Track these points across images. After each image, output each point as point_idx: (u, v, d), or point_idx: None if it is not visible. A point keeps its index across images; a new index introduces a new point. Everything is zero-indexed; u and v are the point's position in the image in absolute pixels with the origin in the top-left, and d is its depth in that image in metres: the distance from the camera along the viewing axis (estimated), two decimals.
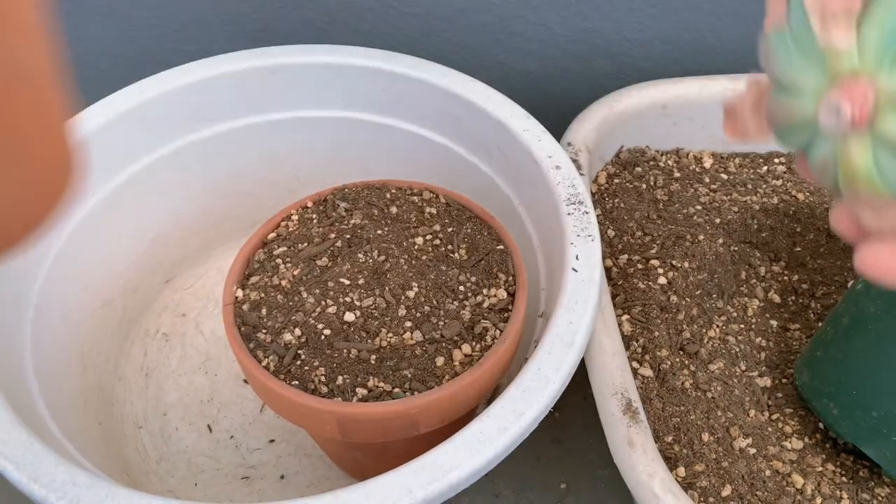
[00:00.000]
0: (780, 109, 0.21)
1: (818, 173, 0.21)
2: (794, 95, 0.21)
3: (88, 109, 0.48)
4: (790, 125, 0.21)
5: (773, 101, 0.22)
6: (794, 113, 0.21)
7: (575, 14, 0.58)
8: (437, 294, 0.40)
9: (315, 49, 0.52)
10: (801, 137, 0.21)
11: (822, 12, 0.19)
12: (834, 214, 0.22)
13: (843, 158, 0.20)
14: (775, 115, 0.22)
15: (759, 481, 0.41)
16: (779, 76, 0.21)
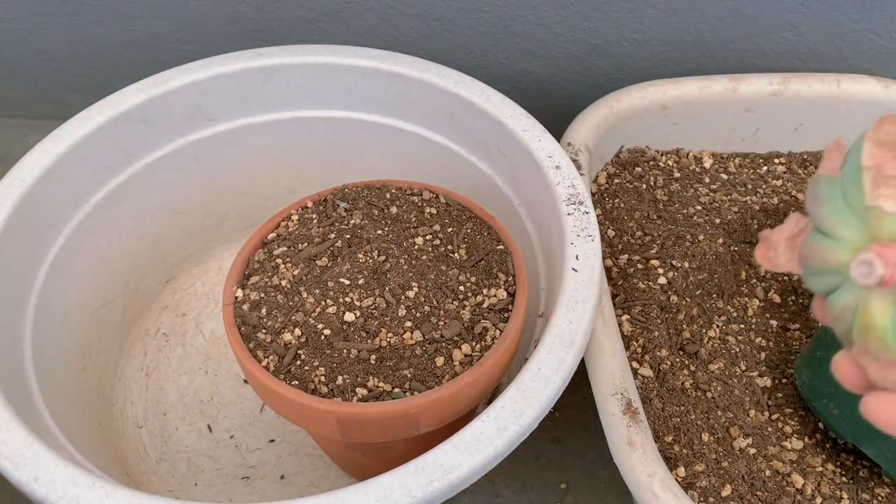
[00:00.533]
0: (816, 251, 0.22)
1: (834, 318, 0.22)
2: (831, 242, 0.22)
3: (88, 109, 0.48)
4: (821, 268, 0.22)
5: (810, 242, 0.23)
6: (827, 258, 0.22)
7: (575, 14, 0.58)
8: (437, 294, 0.40)
9: (315, 49, 0.52)
10: (828, 282, 0.22)
11: (876, 172, 0.20)
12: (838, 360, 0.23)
13: (863, 311, 0.21)
14: (810, 255, 0.23)
15: (759, 481, 0.41)
16: (821, 220, 0.22)
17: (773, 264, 0.25)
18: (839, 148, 0.23)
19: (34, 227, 0.45)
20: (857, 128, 0.61)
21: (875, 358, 0.21)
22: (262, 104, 0.53)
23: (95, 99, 0.49)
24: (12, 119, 0.75)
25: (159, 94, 0.50)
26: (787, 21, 0.57)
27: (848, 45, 0.58)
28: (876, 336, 0.21)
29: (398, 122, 0.54)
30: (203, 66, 0.51)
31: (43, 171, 0.45)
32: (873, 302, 0.21)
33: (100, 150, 0.48)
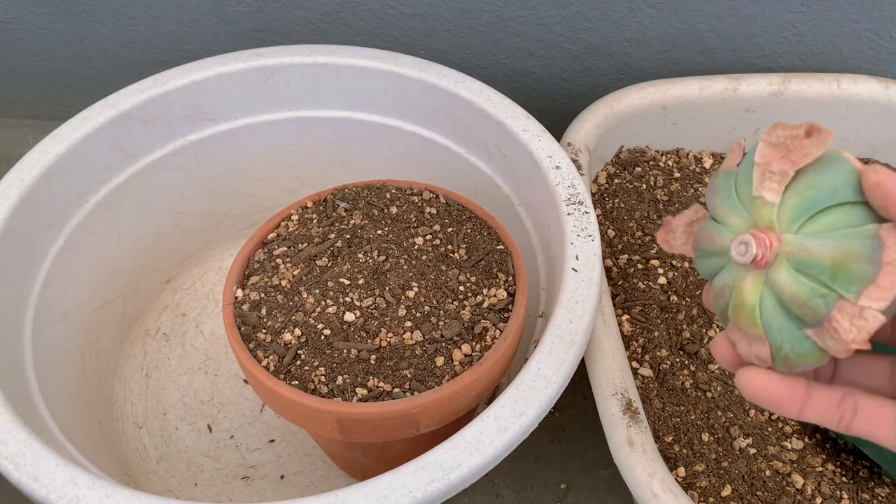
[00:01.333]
0: (707, 235, 0.25)
1: (715, 296, 0.25)
2: (721, 227, 0.24)
3: (88, 109, 0.48)
4: (709, 249, 0.25)
5: (703, 228, 0.26)
6: (716, 240, 0.25)
7: (575, 14, 0.58)
8: (437, 294, 0.40)
9: (315, 49, 0.52)
10: (714, 263, 0.25)
11: (764, 168, 0.23)
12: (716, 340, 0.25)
13: (738, 289, 0.24)
14: (701, 238, 0.26)
15: (759, 481, 0.41)
16: (714, 208, 0.25)
17: (670, 246, 0.28)
18: (739, 148, 0.26)
19: (34, 227, 0.45)
20: (857, 128, 0.61)
21: (744, 334, 0.24)
22: (262, 104, 0.53)
23: (95, 99, 0.49)
24: (12, 119, 0.75)
25: (159, 94, 0.50)
26: (787, 21, 0.57)
27: (848, 45, 0.58)
28: (746, 312, 0.23)
29: (398, 122, 0.54)
30: (203, 66, 0.51)
31: (43, 171, 0.45)
32: (747, 281, 0.23)
33: (100, 150, 0.48)
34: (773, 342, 0.23)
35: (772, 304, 0.23)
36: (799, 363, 0.23)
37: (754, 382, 0.23)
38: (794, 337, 0.23)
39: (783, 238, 0.22)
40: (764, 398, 0.23)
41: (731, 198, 0.24)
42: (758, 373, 0.23)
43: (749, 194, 0.23)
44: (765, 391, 0.23)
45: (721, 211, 0.24)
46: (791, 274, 0.22)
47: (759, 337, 0.23)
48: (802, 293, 0.22)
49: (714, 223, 0.25)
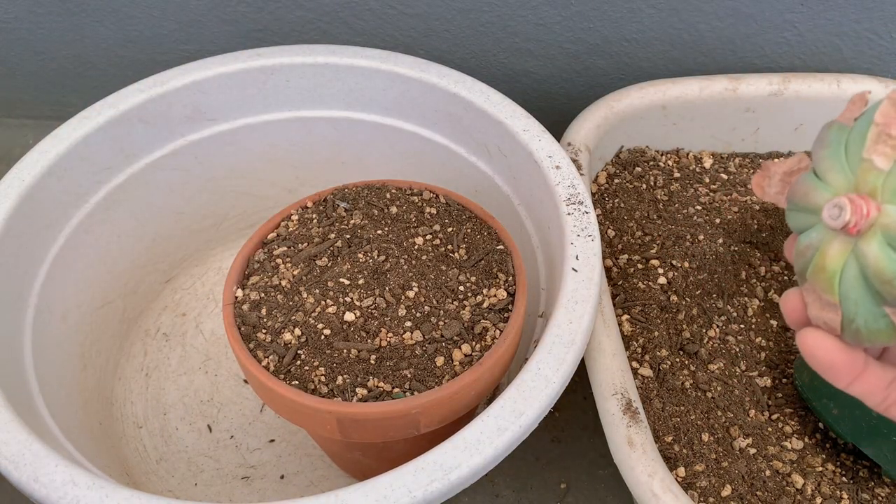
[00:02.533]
0: (803, 188, 0.24)
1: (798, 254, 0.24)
2: (819, 183, 0.23)
3: (88, 109, 0.48)
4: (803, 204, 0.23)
5: (801, 180, 0.24)
6: (811, 196, 0.23)
7: (575, 14, 0.58)
8: (437, 294, 0.40)
9: (315, 49, 0.52)
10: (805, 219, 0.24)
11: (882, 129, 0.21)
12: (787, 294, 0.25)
13: (822, 252, 0.22)
14: (797, 191, 0.24)
15: (759, 481, 0.41)
16: (818, 162, 0.23)
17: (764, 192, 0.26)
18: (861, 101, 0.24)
19: (34, 227, 0.45)
20: None
21: (818, 297, 0.23)
22: (262, 104, 0.53)
23: (95, 99, 0.49)
24: (12, 119, 0.75)
25: (159, 94, 0.50)
26: (787, 21, 0.57)
27: (848, 45, 0.58)
28: (825, 276, 0.22)
29: (398, 122, 0.54)
30: (203, 66, 0.51)
31: (43, 171, 0.45)
32: (833, 246, 0.22)
33: (100, 150, 0.48)
34: (846, 312, 0.22)
35: (854, 275, 0.22)
36: (869, 339, 0.22)
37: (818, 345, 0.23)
38: (871, 312, 0.22)
39: (883, 209, 0.21)
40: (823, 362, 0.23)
41: (838, 154, 0.22)
42: (823, 337, 0.23)
43: (858, 154, 0.22)
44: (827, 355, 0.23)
45: (824, 166, 0.23)
46: (882, 248, 0.21)
47: (833, 304, 0.22)
48: (889, 270, 0.21)
49: (814, 178, 0.23)
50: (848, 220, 0.21)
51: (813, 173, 0.23)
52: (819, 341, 0.23)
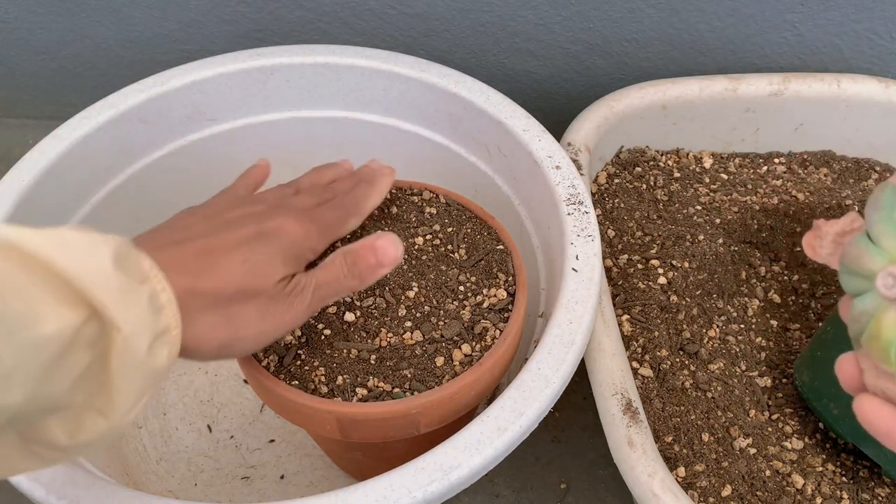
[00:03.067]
0: (856, 252, 0.23)
1: (852, 319, 0.23)
2: (873, 248, 0.22)
3: (88, 109, 0.48)
4: (856, 269, 0.23)
5: (854, 243, 0.24)
6: (864, 261, 0.23)
7: (575, 14, 0.58)
8: (437, 294, 0.40)
9: (315, 49, 0.52)
10: (858, 284, 0.23)
11: None
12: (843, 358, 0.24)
13: (877, 320, 0.22)
14: (849, 254, 0.24)
15: (759, 481, 0.41)
16: (872, 225, 0.23)
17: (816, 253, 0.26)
18: None
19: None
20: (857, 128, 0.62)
21: (874, 365, 0.22)
22: (262, 104, 0.53)
23: (95, 99, 0.49)
24: (12, 119, 0.75)
25: (159, 94, 0.50)
26: (787, 21, 0.57)
27: (848, 45, 0.58)
28: (880, 346, 0.22)
29: (398, 122, 0.54)
30: (203, 66, 0.51)
31: (43, 171, 0.45)
32: (889, 314, 0.22)
33: (100, 150, 0.48)
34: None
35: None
36: None
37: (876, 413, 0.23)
38: None
39: None
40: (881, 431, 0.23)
41: (892, 218, 0.22)
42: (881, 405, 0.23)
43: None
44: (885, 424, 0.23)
45: (878, 230, 0.23)
46: None
47: (890, 374, 0.22)
48: None
49: (867, 241, 0.23)
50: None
51: (866, 236, 0.23)
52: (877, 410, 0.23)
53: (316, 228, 0.35)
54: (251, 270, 0.31)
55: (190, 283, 0.29)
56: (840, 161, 0.59)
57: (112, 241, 0.26)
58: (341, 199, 0.39)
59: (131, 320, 0.24)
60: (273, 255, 0.32)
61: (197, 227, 0.33)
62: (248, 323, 0.31)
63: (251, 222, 0.33)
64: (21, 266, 0.23)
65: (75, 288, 0.23)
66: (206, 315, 0.30)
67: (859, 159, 0.60)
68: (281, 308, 0.32)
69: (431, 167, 0.54)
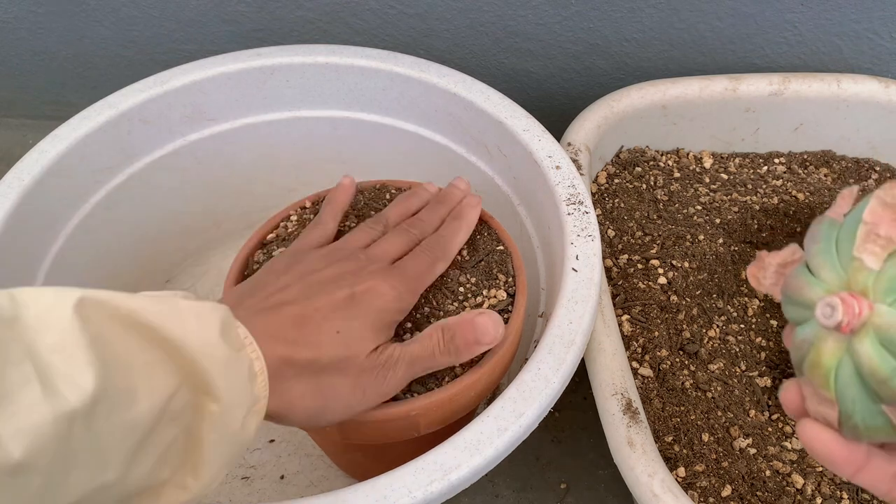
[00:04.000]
0: (797, 283, 0.24)
1: (794, 347, 0.24)
2: (812, 279, 0.23)
3: (88, 109, 0.48)
4: (797, 299, 0.24)
5: (796, 274, 0.24)
6: (805, 291, 0.23)
7: (575, 14, 0.58)
8: (437, 295, 0.40)
9: (315, 49, 0.52)
10: (799, 313, 0.24)
11: (871, 229, 0.21)
12: (786, 385, 0.25)
13: (817, 348, 0.23)
14: (791, 285, 0.24)
15: (760, 481, 0.41)
16: (811, 257, 0.24)
17: (759, 284, 0.27)
18: (850, 196, 0.24)
19: (34, 227, 0.45)
20: (857, 128, 0.61)
21: (814, 391, 0.23)
22: (262, 104, 0.53)
23: (95, 99, 0.49)
24: (12, 119, 0.75)
25: (159, 94, 0.49)
26: (787, 21, 0.57)
27: (848, 45, 0.58)
28: (820, 373, 0.22)
29: (398, 122, 0.54)
30: (203, 66, 0.51)
31: (43, 171, 0.45)
32: (828, 343, 0.22)
33: (100, 150, 0.48)
34: (843, 409, 0.22)
35: (849, 373, 0.22)
36: (867, 435, 0.22)
37: (817, 438, 0.23)
38: (868, 410, 0.22)
39: (875, 308, 0.21)
40: (823, 454, 0.23)
41: (829, 251, 0.23)
42: (822, 430, 0.23)
43: (849, 252, 0.22)
44: (826, 449, 0.23)
45: (817, 262, 0.23)
46: (875, 348, 0.21)
47: (830, 400, 0.23)
48: (884, 370, 0.21)
49: (807, 273, 0.24)
50: (840, 320, 0.21)
51: (806, 267, 0.24)
52: (817, 434, 0.23)
53: (406, 288, 0.35)
54: (345, 341, 0.31)
55: (286, 352, 0.29)
56: (840, 161, 0.59)
57: (220, 310, 0.26)
58: (430, 242, 0.38)
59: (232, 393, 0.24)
60: (366, 326, 0.32)
61: (292, 288, 0.33)
62: (339, 394, 0.31)
63: (345, 285, 0.33)
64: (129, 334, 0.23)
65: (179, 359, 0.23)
66: (299, 384, 0.30)
67: (859, 159, 0.60)
68: (372, 381, 0.32)
69: (431, 167, 0.54)
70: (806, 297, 0.23)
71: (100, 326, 0.22)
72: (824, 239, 0.23)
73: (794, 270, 0.25)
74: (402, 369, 0.33)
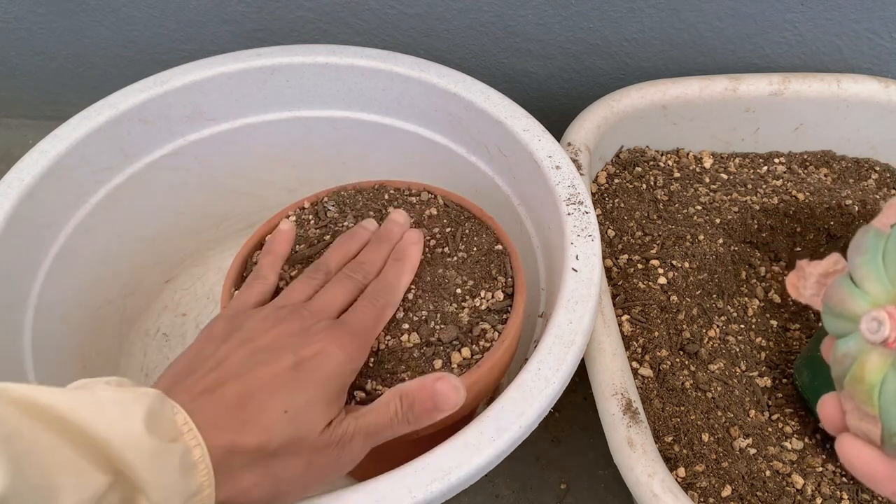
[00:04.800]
0: (840, 294, 0.23)
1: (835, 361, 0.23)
2: (856, 291, 0.23)
3: (88, 109, 0.48)
4: (839, 311, 0.23)
5: (838, 285, 0.24)
6: (848, 304, 0.23)
7: (575, 14, 0.58)
8: (435, 296, 0.39)
9: (315, 49, 0.52)
10: (841, 326, 0.23)
11: None
12: (825, 399, 0.24)
13: (860, 363, 0.22)
14: (833, 296, 0.24)
15: (759, 481, 0.41)
16: (855, 268, 0.23)
17: (799, 294, 0.26)
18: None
19: (34, 227, 0.45)
20: (857, 127, 0.62)
21: (856, 407, 0.23)
22: (262, 104, 0.53)
23: (95, 99, 0.49)
24: (12, 119, 0.75)
25: (159, 94, 0.49)
26: (787, 21, 0.57)
27: (848, 45, 0.58)
28: (863, 388, 0.22)
29: (398, 122, 0.54)
30: (203, 66, 0.51)
31: (43, 171, 0.45)
32: (872, 358, 0.22)
33: (100, 150, 0.48)
34: (886, 425, 0.22)
35: (894, 389, 0.21)
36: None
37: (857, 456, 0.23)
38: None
39: None
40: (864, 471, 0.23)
41: (875, 262, 0.22)
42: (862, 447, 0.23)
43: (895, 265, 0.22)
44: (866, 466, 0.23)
45: (861, 273, 0.23)
46: None
47: (873, 416, 0.22)
48: None
49: (850, 284, 0.23)
50: (887, 336, 0.21)
51: (849, 278, 0.23)
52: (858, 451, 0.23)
53: (356, 346, 0.33)
54: (293, 422, 0.29)
55: (231, 439, 0.27)
56: (840, 161, 0.59)
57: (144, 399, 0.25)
58: (374, 289, 0.37)
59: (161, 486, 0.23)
60: (316, 399, 0.30)
61: (231, 360, 0.31)
62: (293, 477, 0.29)
63: (289, 351, 0.31)
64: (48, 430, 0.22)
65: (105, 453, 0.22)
66: (249, 473, 0.28)
67: (859, 159, 0.60)
68: (327, 460, 0.30)
69: (431, 167, 0.54)
70: (850, 309, 0.23)
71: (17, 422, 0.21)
72: (870, 250, 0.23)
73: (836, 281, 0.24)
74: (358, 442, 0.31)
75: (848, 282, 0.23)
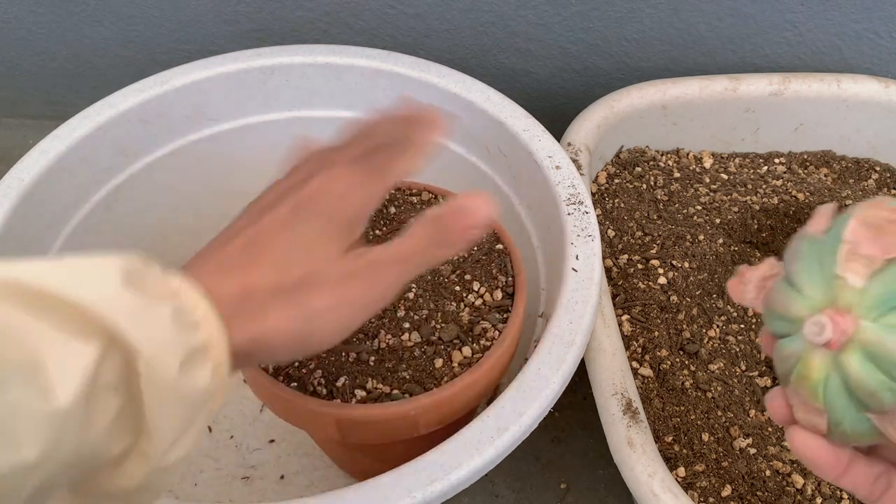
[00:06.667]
0: (781, 298, 0.25)
1: (780, 359, 0.25)
2: (796, 294, 0.24)
3: (88, 109, 0.48)
4: (781, 314, 0.25)
5: (778, 288, 0.25)
6: (789, 307, 0.24)
7: (575, 14, 0.58)
8: (436, 295, 0.40)
9: (315, 49, 0.52)
10: (784, 327, 0.25)
11: (852, 247, 0.22)
12: (772, 394, 0.26)
13: (805, 362, 0.24)
14: (774, 300, 0.25)
15: (759, 481, 0.41)
16: (793, 273, 0.24)
17: (741, 298, 0.28)
18: (829, 212, 0.25)
19: (34, 227, 0.45)
20: (857, 128, 0.61)
21: (803, 402, 0.24)
22: (262, 104, 0.53)
23: (95, 99, 0.49)
24: (12, 119, 0.75)
25: (159, 94, 0.49)
26: (787, 21, 0.57)
27: (848, 45, 0.58)
28: (809, 385, 0.24)
29: None
30: (203, 66, 0.51)
31: (43, 171, 0.45)
32: (815, 357, 0.23)
33: (100, 150, 0.48)
34: (832, 418, 0.23)
35: (836, 385, 0.23)
36: (854, 440, 0.24)
37: (806, 445, 0.25)
38: (855, 418, 0.23)
39: (860, 324, 0.22)
40: (810, 459, 0.25)
41: (812, 268, 0.24)
42: (810, 437, 0.25)
43: (831, 270, 0.23)
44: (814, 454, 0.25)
45: (801, 279, 0.24)
46: (862, 363, 0.22)
47: (818, 410, 0.24)
48: (871, 384, 0.22)
49: (790, 288, 0.24)
50: (829, 337, 0.22)
51: (787, 282, 0.25)
52: (805, 441, 0.25)
53: (362, 168, 0.30)
54: (303, 250, 0.28)
55: (242, 281, 0.27)
56: (840, 161, 0.59)
57: (119, 260, 0.24)
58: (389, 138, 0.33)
59: (152, 340, 0.22)
60: (320, 229, 0.29)
61: (238, 223, 0.31)
62: (323, 309, 0.27)
63: (289, 195, 0.30)
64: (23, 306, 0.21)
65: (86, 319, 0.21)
66: (272, 310, 0.27)
67: (859, 159, 0.60)
68: (358, 290, 0.28)
69: (431, 167, 0.54)
70: (791, 312, 0.24)
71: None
72: (806, 257, 0.24)
73: (776, 285, 0.25)
74: (391, 270, 0.29)
75: (787, 286, 0.25)
